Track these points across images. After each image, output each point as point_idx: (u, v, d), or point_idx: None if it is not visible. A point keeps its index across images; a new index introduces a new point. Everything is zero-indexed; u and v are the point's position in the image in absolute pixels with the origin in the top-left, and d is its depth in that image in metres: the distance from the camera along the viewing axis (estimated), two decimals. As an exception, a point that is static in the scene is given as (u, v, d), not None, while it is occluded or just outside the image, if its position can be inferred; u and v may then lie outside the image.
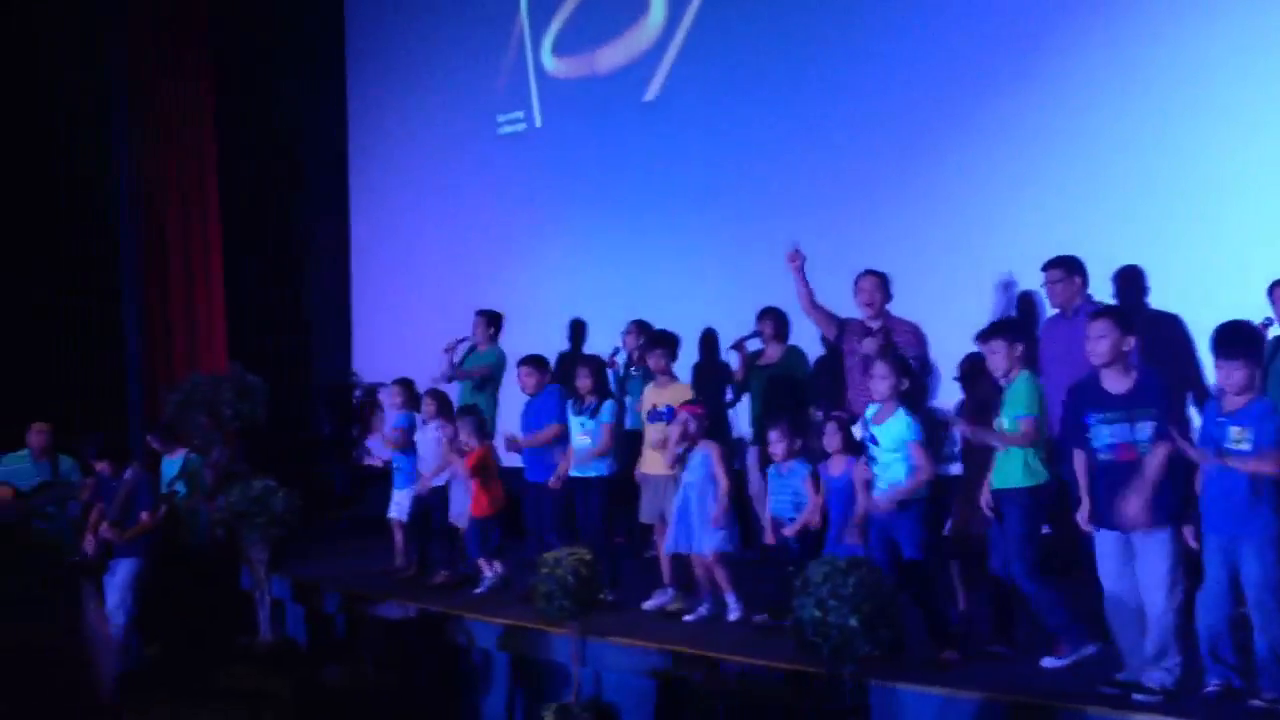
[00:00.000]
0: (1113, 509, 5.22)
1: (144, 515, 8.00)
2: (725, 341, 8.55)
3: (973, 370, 6.52)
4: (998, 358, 5.80)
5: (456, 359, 8.97)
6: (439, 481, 8.37)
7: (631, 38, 9.76)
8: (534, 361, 8.05)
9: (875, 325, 7.00)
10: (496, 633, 7.16)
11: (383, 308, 11.53)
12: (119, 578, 7.88)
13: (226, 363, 10.27)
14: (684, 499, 6.96)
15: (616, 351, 8.56)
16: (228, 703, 7.60)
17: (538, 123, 10.37)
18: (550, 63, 10.34)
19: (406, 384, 9.00)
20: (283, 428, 9.88)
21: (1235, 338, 5.19)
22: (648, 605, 7.29)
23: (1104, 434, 5.31)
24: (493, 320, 8.99)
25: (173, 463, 8.76)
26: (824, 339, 7.73)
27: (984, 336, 5.97)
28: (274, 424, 9.38)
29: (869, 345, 6.78)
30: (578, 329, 9.55)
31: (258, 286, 11.33)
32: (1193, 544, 5.22)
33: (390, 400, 9.23)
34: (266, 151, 11.62)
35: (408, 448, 8.69)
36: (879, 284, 7.05)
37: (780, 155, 8.90)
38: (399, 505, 8.69)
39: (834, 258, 7.64)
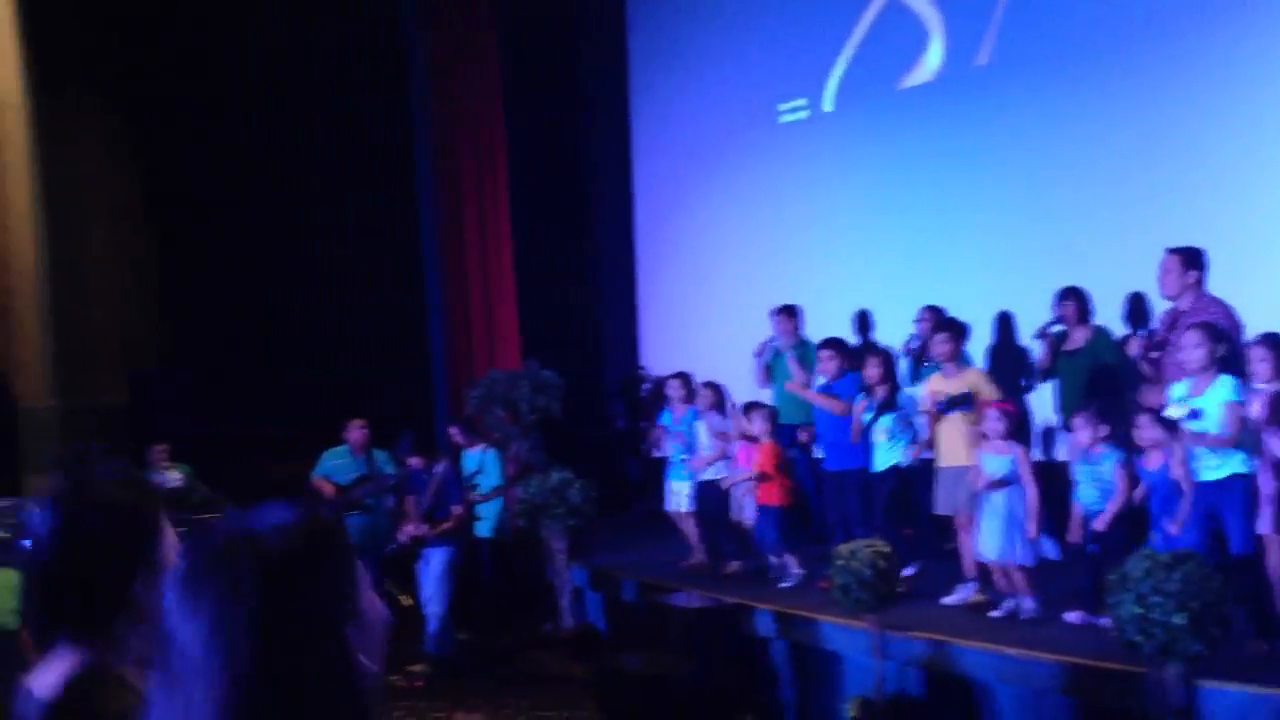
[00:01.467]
0: None
1: (455, 508, 8.41)
2: (1022, 324, 8.24)
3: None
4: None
5: (767, 360, 8.97)
6: (716, 474, 8.43)
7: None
8: (834, 345, 8.01)
9: (1182, 308, 6.54)
10: (792, 624, 7.18)
11: (668, 301, 11.73)
12: (434, 568, 8.32)
13: (522, 359, 10.69)
14: (990, 504, 6.71)
15: (912, 339, 8.40)
16: (534, 686, 7.94)
17: (826, 107, 10.24)
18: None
19: (684, 378, 9.13)
20: (577, 421, 10.21)
21: None
22: (949, 600, 7.12)
23: None
24: (792, 314, 8.93)
25: (472, 456, 9.20)
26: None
27: None
28: (569, 418, 9.70)
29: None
30: (864, 320, 9.41)
31: (548, 285, 11.74)
32: None
33: (671, 392, 9.37)
34: (552, 147, 11.99)
35: (687, 440, 8.81)
36: (1179, 262, 6.56)
37: (1078, 130, 8.48)
38: (676, 497, 8.82)
39: (1139, 234, 7.24)
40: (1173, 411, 5.98)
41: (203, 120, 12.47)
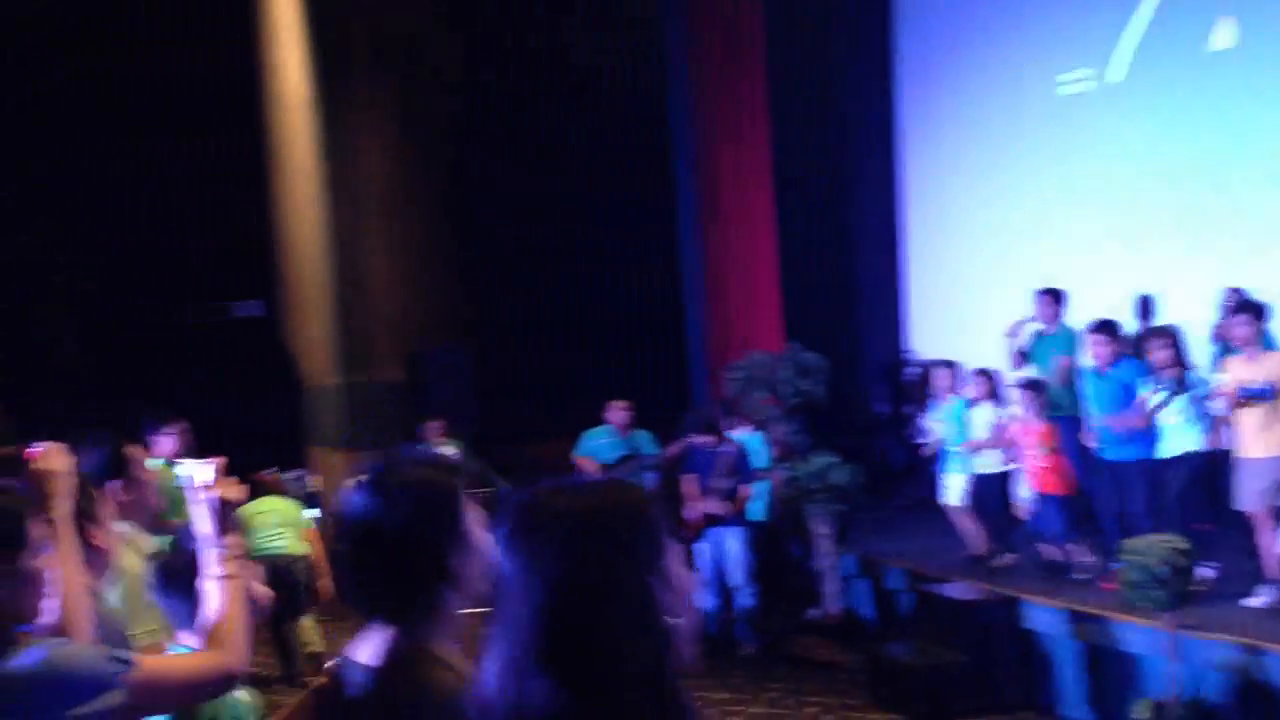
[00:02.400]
0: None
1: (744, 488, 8.40)
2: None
3: None
4: None
5: (1022, 344, 8.69)
6: (992, 466, 8.21)
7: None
8: (1107, 329, 7.65)
9: None
10: (1072, 619, 6.93)
11: (936, 282, 11.43)
12: (731, 548, 8.35)
13: (782, 341, 10.66)
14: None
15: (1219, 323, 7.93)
16: (800, 671, 7.95)
17: (1113, 78, 9.72)
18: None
19: (951, 367, 8.92)
20: (841, 405, 10.12)
21: None
22: (1251, 603, 6.70)
23: None
24: (1056, 298, 8.60)
25: (735, 438, 9.22)
26: None
27: None
28: (832, 401, 9.62)
29: None
30: (1146, 305, 8.92)
31: (810, 265, 11.64)
32: None
33: (938, 382, 9.16)
34: (815, 122, 11.84)
35: (957, 430, 8.59)
36: None
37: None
38: (950, 488, 8.61)
39: None
40: None
41: (476, 113, 12.99)
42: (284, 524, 7.91)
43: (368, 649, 2.06)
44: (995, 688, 7.03)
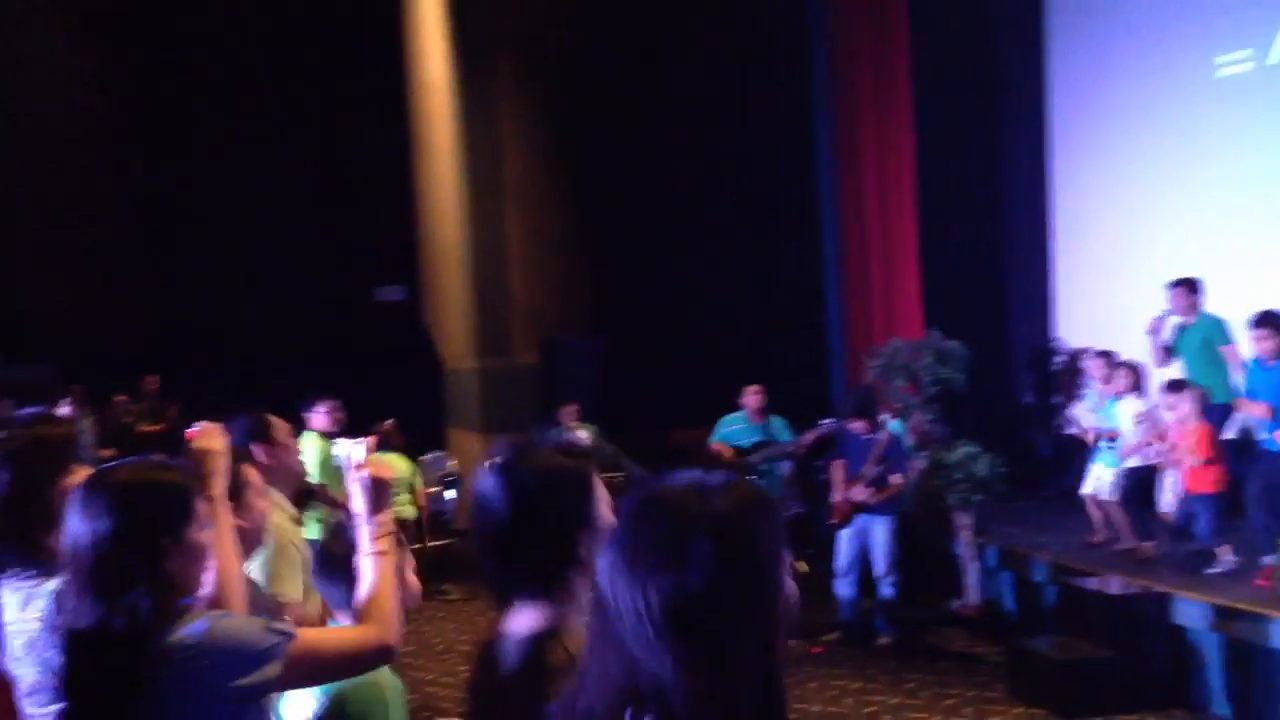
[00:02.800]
0: None
1: (895, 477, 8.25)
2: None
3: None
4: None
5: (1165, 339, 8.39)
6: (1141, 460, 7.96)
7: None
8: (1270, 321, 7.34)
9: None
10: (1222, 615, 6.69)
11: (1085, 269, 11.04)
12: (878, 537, 8.23)
13: (924, 328, 10.49)
14: None
15: None
16: (939, 663, 7.84)
17: (1275, 59, 9.30)
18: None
19: (1107, 356, 8.67)
20: (985, 394, 9.91)
21: None
22: None
23: None
24: (1192, 288, 8.27)
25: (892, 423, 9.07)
26: None
27: None
28: (976, 390, 9.42)
29: None
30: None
31: (952, 250, 11.39)
32: None
33: (1092, 371, 8.93)
34: (962, 105, 11.56)
35: (1108, 422, 8.34)
36: None
37: None
38: (1097, 480, 8.36)
39: None
40: None
41: (612, 103, 13.08)
42: (400, 485, 8.06)
43: (506, 627, 2.11)
44: (1140, 683, 6.81)
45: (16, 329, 14.67)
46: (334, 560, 2.98)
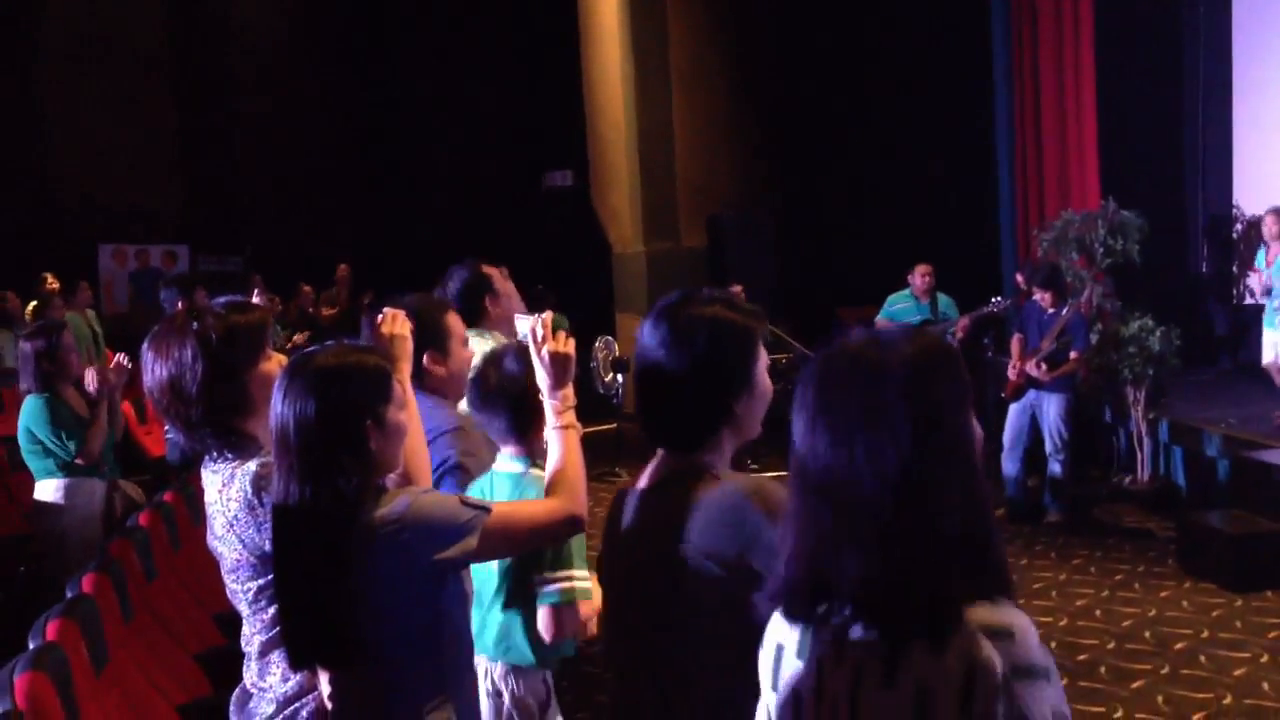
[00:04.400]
0: None
1: (1074, 353, 8.09)
2: None
3: None
4: None
5: None
6: None
7: None
8: None
9: None
10: None
11: (1268, 129, 10.56)
12: (1049, 413, 8.10)
13: (1100, 200, 10.21)
14: None
15: None
16: (1109, 538, 7.83)
17: None
18: None
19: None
20: (1158, 265, 9.65)
21: None
22: None
23: None
24: None
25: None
26: None
27: None
28: (1151, 261, 9.19)
29: None
30: None
31: (1131, 114, 10.99)
32: None
33: (1267, 230, 8.60)
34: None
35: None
36: None
37: None
38: (1274, 347, 8.13)
39: None
40: None
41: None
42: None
43: (648, 474, 2.19)
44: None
45: (220, 222, 15.53)
46: (490, 390, 3.01)
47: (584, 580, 2.89)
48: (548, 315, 2.63)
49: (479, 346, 3.47)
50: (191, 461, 5.16)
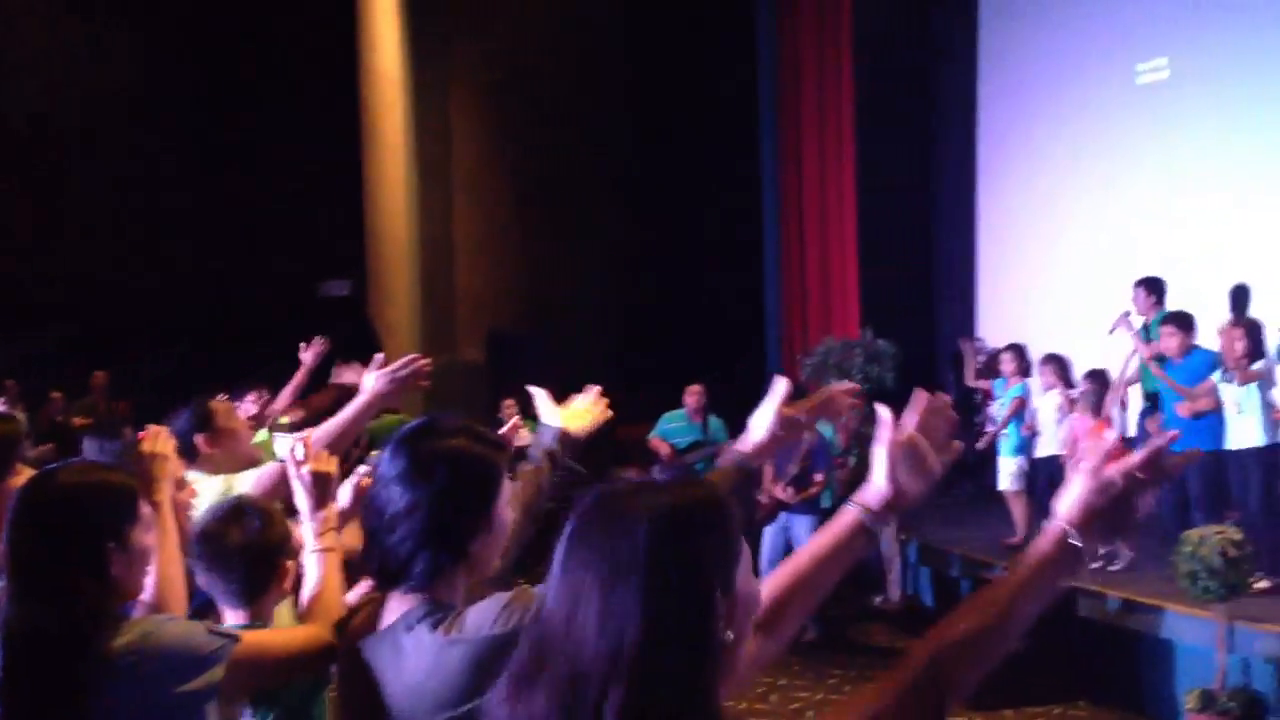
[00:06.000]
0: None
1: (818, 476, 8.54)
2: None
3: None
4: None
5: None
6: (1049, 450, 8.40)
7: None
8: (1177, 320, 7.78)
9: None
10: (1130, 610, 7.11)
11: (1009, 269, 11.57)
12: (799, 535, 8.44)
13: (859, 326, 10.86)
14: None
15: None
16: (861, 657, 8.17)
17: (1188, 67, 9.80)
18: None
19: (1018, 350, 9.10)
20: (910, 392, 10.26)
21: None
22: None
23: None
24: (1153, 288, 8.65)
25: (825, 426, 9.39)
26: None
27: None
28: (902, 388, 9.77)
29: None
30: (1240, 295, 8.97)
31: (888, 252, 11.85)
32: None
33: (1004, 366, 9.35)
34: (898, 107, 12.08)
35: (1019, 416, 8.78)
36: None
37: None
38: (1008, 474, 8.80)
39: None
40: None
41: (556, 95, 13.33)
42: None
43: (377, 620, 2.03)
44: (1047, 676, 7.21)
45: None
46: (227, 548, 2.68)
47: None
48: (307, 434, 2.58)
49: (208, 488, 3.34)
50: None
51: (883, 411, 1.98)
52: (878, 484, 1.89)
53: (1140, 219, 10.05)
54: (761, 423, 2.33)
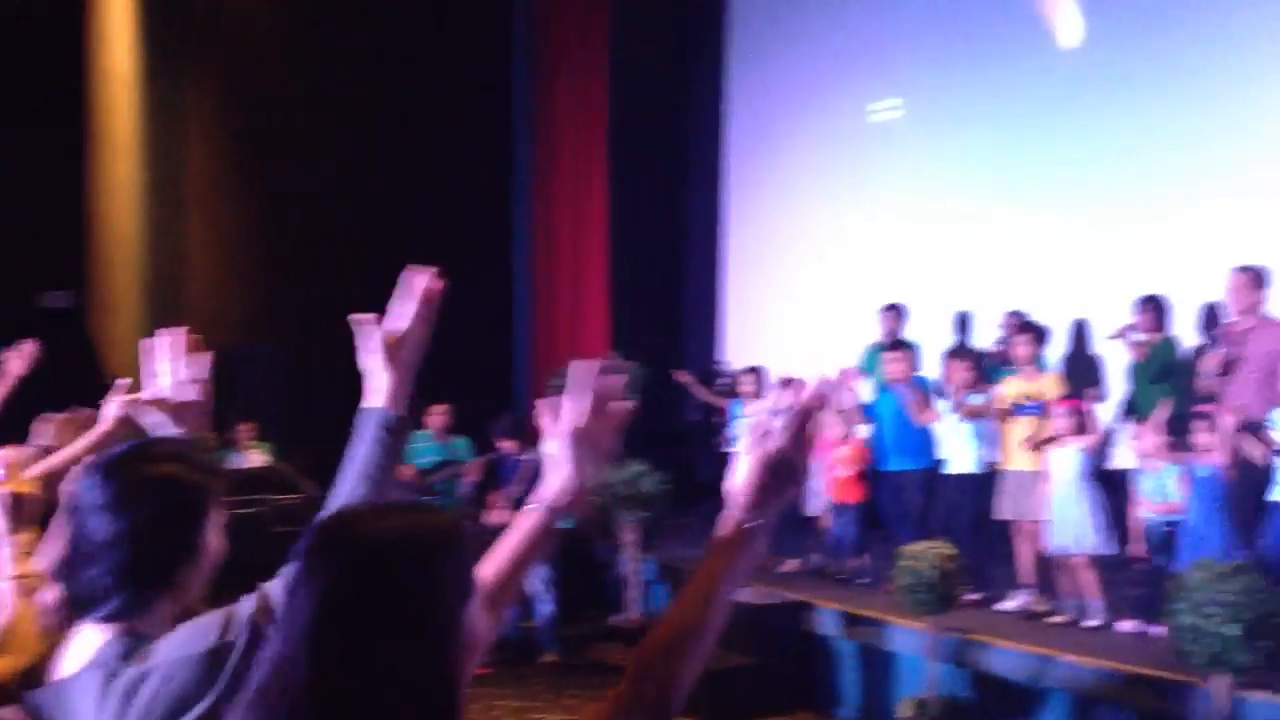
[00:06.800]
0: None
1: None
2: (1099, 333, 8.41)
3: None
4: None
5: (861, 361, 9.27)
6: None
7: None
8: (901, 347, 8.27)
9: (1247, 325, 6.74)
10: (849, 622, 7.46)
11: (754, 296, 12.07)
12: None
13: (609, 348, 11.05)
14: (1061, 497, 6.98)
15: (997, 341, 8.62)
16: (600, 677, 8.26)
17: (916, 106, 10.48)
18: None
19: (757, 372, 9.54)
20: (655, 412, 10.50)
21: None
22: (1007, 606, 7.34)
23: None
24: (898, 314, 9.17)
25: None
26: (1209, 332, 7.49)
27: None
28: (649, 410, 9.98)
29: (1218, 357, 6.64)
30: (964, 322, 9.60)
31: (639, 277, 12.14)
32: None
33: (743, 387, 9.71)
34: (650, 142, 12.45)
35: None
36: (1249, 281, 6.76)
37: (1165, 140, 8.63)
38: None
39: (1212, 247, 7.42)
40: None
41: (305, 107, 13.04)
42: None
43: (75, 652, 1.91)
44: (776, 689, 7.50)
45: None
46: None
47: None
48: (9, 455, 2.46)
49: None
50: None
51: (544, 407, 2.03)
52: (555, 479, 1.99)
53: (874, 250, 10.65)
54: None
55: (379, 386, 2.07)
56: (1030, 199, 9.58)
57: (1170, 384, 7.42)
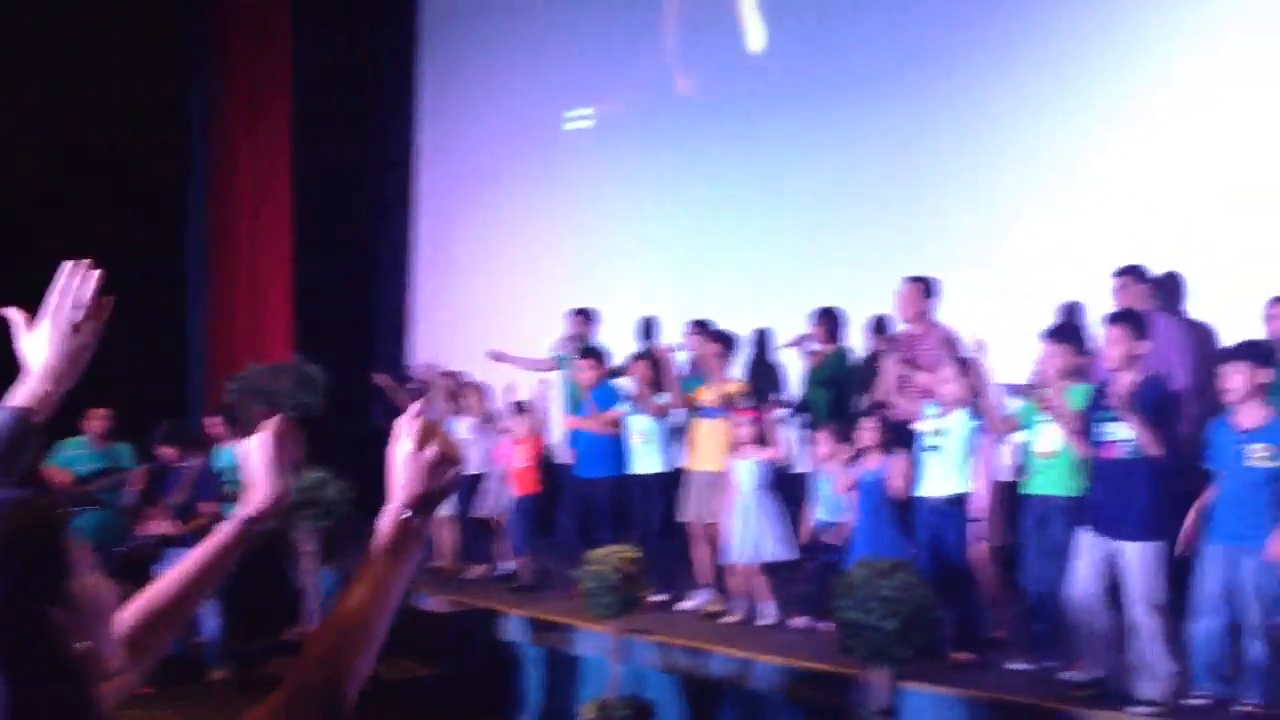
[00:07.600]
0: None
1: (205, 506, 8.26)
2: (782, 341, 8.81)
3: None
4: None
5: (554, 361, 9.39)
6: (471, 471, 8.84)
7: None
8: (592, 354, 8.43)
9: (917, 332, 7.24)
10: (536, 628, 7.54)
11: (444, 302, 12.02)
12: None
13: (293, 351, 10.74)
14: (742, 507, 7.26)
15: (674, 350, 8.86)
16: (274, 690, 7.99)
17: (609, 116, 10.72)
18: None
19: (452, 376, 9.62)
20: (341, 417, 10.27)
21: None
22: (686, 605, 7.59)
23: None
24: (587, 318, 9.41)
25: (229, 452, 9.16)
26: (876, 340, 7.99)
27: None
28: (335, 415, 9.75)
29: (893, 362, 7.11)
30: (649, 326, 9.86)
31: (326, 282, 11.87)
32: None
33: (438, 392, 9.68)
34: (338, 145, 12.20)
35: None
36: (919, 291, 7.27)
37: (839, 159, 9.16)
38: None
39: (884, 260, 7.91)
40: (927, 437, 6.56)
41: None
42: None
43: None
44: (464, 697, 7.49)
45: None
46: None
47: None
48: None
49: None
50: None
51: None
52: (258, 490, 2.02)
53: (565, 257, 10.81)
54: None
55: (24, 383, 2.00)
56: (713, 208, 9.96)
57: (841, 390, 7.87)
